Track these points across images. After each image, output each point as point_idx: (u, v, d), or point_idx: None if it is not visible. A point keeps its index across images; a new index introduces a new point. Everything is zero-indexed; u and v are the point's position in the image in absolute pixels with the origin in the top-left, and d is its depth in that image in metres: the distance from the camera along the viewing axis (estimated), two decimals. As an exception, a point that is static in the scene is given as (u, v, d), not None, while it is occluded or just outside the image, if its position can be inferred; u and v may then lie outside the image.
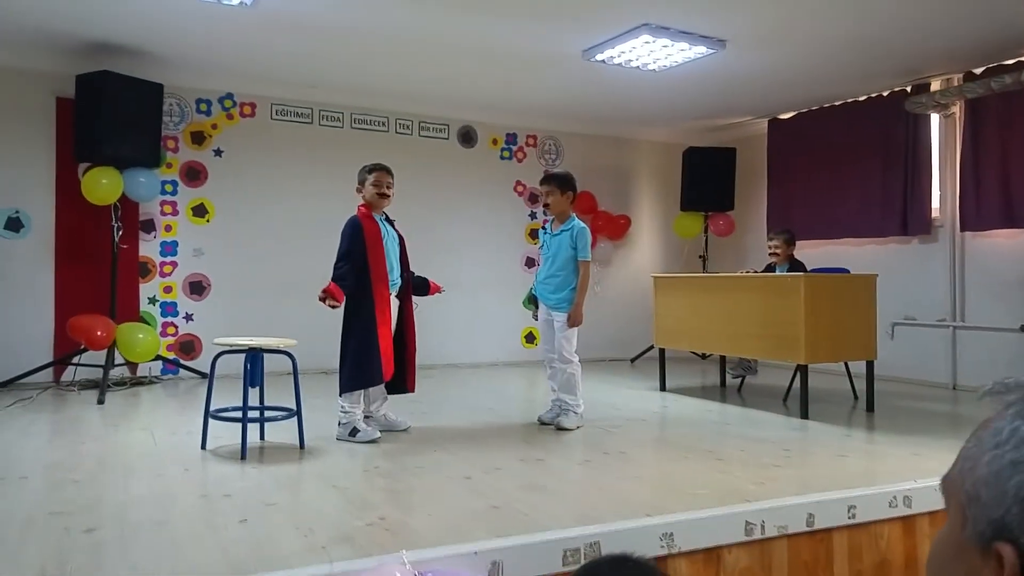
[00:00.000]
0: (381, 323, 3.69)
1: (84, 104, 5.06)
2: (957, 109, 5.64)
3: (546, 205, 4.20)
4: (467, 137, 7.07)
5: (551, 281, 4.11)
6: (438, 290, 4.14)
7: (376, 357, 3.66)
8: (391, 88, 6.02)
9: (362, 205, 3.85)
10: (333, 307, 3.65)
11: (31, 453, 3.33)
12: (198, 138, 6.01)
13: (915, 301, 5.86)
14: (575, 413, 4.01)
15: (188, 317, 5.96)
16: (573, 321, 4.03)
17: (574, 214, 4.18)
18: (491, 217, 7.10)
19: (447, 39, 4.82)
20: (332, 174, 6.12)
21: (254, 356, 3.40)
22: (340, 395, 3.69)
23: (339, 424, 3.68)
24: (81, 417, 4.26)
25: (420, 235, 5.91)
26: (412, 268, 4.05)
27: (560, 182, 4.13)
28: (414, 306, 4.01)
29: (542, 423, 4.09)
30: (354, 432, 3.63)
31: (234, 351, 3.41)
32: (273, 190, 6.23)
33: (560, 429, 3.94)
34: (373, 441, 3.61)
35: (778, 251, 5.14)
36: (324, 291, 3.61)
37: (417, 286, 4.06)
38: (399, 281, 3.90)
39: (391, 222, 3.94)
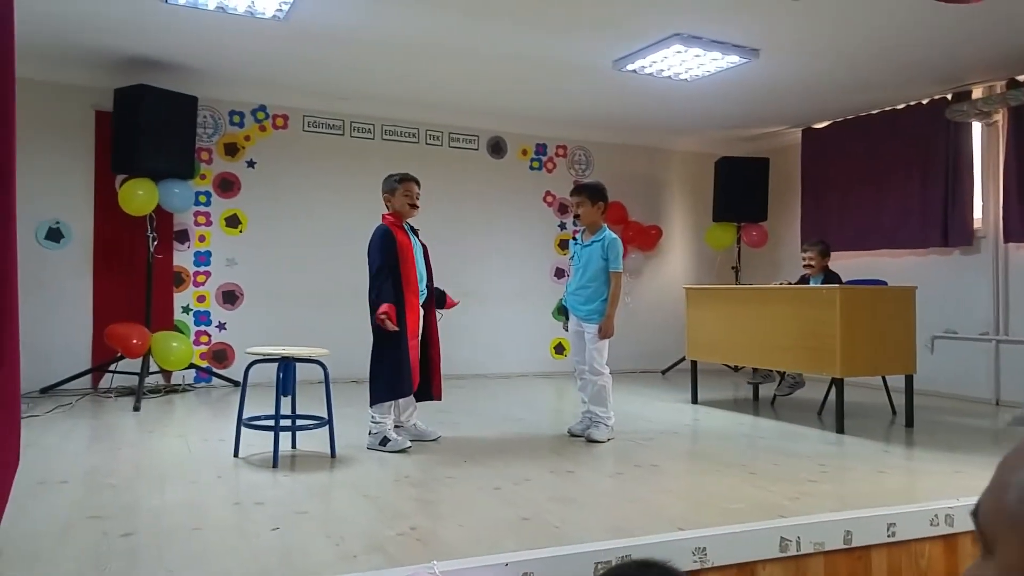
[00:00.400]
0: (411, 334, 3.71)
1: (121, 117, 5.19)
2: (1000, 117, 5.51)
3: (577, 216, 4.18)
4: (497, 147, 7.09)
5: (582, 292, 4.09)
6: (454, 304, 4.11)
7: (407, 368, 3.67)
8: (421, 99, 6.06)
9: (388, 214, 3.86)
10: (390, 329, 3.61)
11: (70, 458, 3.40)
12: (231, 150, 6.12)
13: (956, 314, 5.71)
14: (606, 425, 3.97)
15: (221, 326, 6.05)
16: (604, 333, 4.00)
17: (605, 225, 4.15)
18: (521, 227, 7.10)
19: (477, 50, 4.85)
20: (363, 185, 6.16)
21: (286, 365, 3.43)
22: (371, 406, 3.70)
23: (370, 433, 3.69)
24: (118, 423, 4.33)
25: (450, 245, 5.94)
26: (436, 279, 4.04)
27: (591, 192, 4.10)
28: (438, 316, 4.01)
29: (572, 435, 4.06)
30: (385, 441, 3.63)
31: (266, 360, 3.45)
32: (305, 201, 6.31)
33: (590, 441, 3.90)
34: (403, 451, 3.61)
35: (812, 263, 5.05)
36: (383, 313, 3.58)
37: (435, 298, 4.05)
38: (425, 291, 3.90)
39: (416, 232, 3.95)
